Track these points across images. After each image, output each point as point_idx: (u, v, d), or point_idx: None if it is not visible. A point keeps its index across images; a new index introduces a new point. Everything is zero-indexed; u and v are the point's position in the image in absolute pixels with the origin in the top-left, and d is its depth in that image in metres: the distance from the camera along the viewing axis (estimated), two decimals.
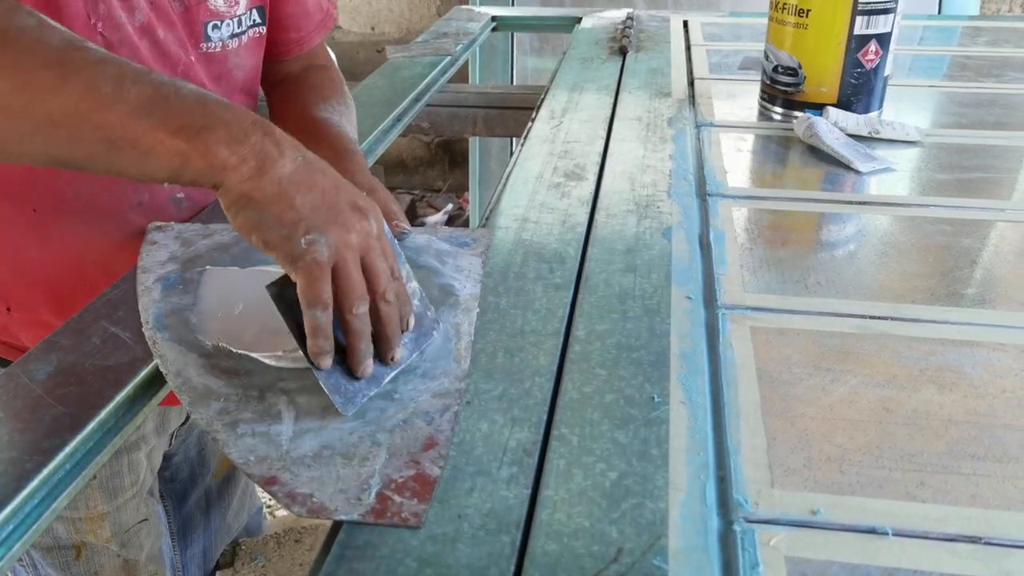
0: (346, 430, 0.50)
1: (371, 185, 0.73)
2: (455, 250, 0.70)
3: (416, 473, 0.46)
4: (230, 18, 0.81)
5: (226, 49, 0.82)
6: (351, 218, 0.51)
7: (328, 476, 0.46)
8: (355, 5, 3.07)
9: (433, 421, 0.50)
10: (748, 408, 0.52)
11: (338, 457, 0.48)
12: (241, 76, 0.85)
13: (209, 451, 1.09)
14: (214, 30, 0.80)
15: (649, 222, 0.76)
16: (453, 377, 0.54)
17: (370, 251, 0.52)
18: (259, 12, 0.85)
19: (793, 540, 0.42)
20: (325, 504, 0.44)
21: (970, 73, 1.26)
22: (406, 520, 0.43)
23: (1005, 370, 0.55)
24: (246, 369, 0.55)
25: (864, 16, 0.98)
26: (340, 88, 0.91)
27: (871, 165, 0.89)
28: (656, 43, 1.45)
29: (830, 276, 0.67)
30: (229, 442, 0.49)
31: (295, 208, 0.49)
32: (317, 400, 0.52)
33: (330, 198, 0.51)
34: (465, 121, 1.44)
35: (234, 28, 0.82)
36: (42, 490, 0.46)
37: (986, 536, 0.42)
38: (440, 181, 3.31)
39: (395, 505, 0.44)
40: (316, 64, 0.94)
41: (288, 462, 0.47)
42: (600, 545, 0.41)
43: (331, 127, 0.82)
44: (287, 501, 0.45)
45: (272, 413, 0.51)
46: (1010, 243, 0.74)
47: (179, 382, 0.54)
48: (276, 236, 0.49)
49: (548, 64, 2.40)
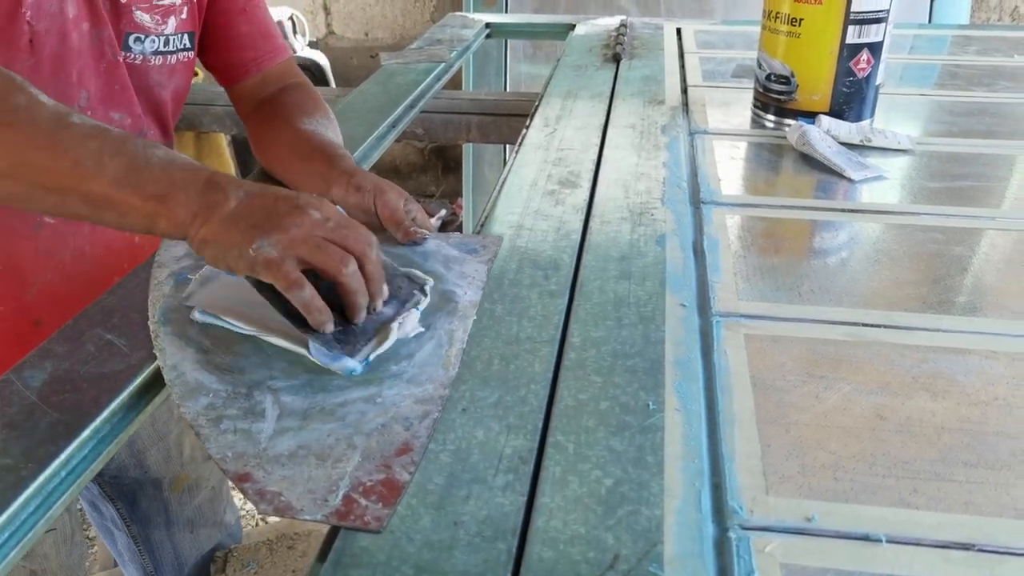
0: (324, 431, 0.50)
1: (378, 186, 0.73)
2: (463, 256, 0.71)
3: (385, 477, 0.47)
4: (156, 35, 0.82)
5: (147, 64, 0.82)
6: (289, 219, 0.58)
7: (299, 476, 0.47)
8: (349, 11, 3.08)
9: (411, 427, 0.51)
10: (743, 415, 0.52)
11: (312, 457, 0.48)
12: (162, 95, 0.86)
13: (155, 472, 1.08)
14: (136, 42, 0.81)
15: (643, 229, 0.76)
16: (438, 384, 0.55)
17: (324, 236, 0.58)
18: (189, 37, 0.86)
19: (788, 547, 0.42)
20: (292, 503, 0.45)
21: (960, 82, 1.27)
22: (368, 524, 0.44)
23: (997, 377, 0.56)
24: (240, 366, 0.56)
25: (856, 25, 0.98)
26: (321, 104, 0.91)
27: (863, 173, 0.90)
28: (650, 50, 1.46)
29: (823, 284, 0.68)
30: (210, 437, 0.50)
31: (240, 232, 0.58)
32: (302, 400, 0.53)
33: (268, 212, 0.58)
34: (459, 128, 1.45)
35: (159, 46, 0.82)
36: (37, 497, 0.46)
37: (979, 543, 0.42)
38: (433, 187, 3.31)
39: (359, 508, 0.45)
40: (292, 83, 0.94)
41: (263, 460, 0.48)
42: (596, 552, 0.42)
43: (318, 136, 0.82)
44: (256, 498, 0.45)
45: (257, 411, 0.52)
46: (1001, 251, 0.74)
47: (173, 375, 0.55)
48: (233, 257, 0.57)
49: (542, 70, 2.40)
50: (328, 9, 3.09)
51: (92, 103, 0.78)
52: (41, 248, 0.80)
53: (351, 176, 0.74)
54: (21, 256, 0.80)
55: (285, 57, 0.95)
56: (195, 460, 1.14)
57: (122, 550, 1.17)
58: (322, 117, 0.87)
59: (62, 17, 0.73)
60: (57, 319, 0.80)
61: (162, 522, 1.13)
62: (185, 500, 1.15)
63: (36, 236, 0.80)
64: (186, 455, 1.13)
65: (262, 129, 0.89)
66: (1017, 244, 0.75)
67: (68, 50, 0.75)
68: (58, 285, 0.82)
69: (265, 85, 0.93)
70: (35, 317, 0.82)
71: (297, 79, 0.95)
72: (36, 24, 0.72)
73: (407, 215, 0.73)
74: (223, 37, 0.90)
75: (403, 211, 0.73)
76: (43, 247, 0.81)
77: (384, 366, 0.57)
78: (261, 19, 0.93)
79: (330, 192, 0.74)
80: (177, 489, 1.13)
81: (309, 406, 0.52)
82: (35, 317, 0.82)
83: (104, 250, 0.85)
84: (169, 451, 1.09)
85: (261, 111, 0.91)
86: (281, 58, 0.94)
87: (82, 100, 0.78)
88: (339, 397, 0.53)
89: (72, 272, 0.83)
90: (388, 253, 0.70)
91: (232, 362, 0.56)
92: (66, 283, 0.83)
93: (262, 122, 0.90)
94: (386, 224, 0.73)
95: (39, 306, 0.82)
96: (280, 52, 0.94)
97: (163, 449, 1.09)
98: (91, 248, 0.84)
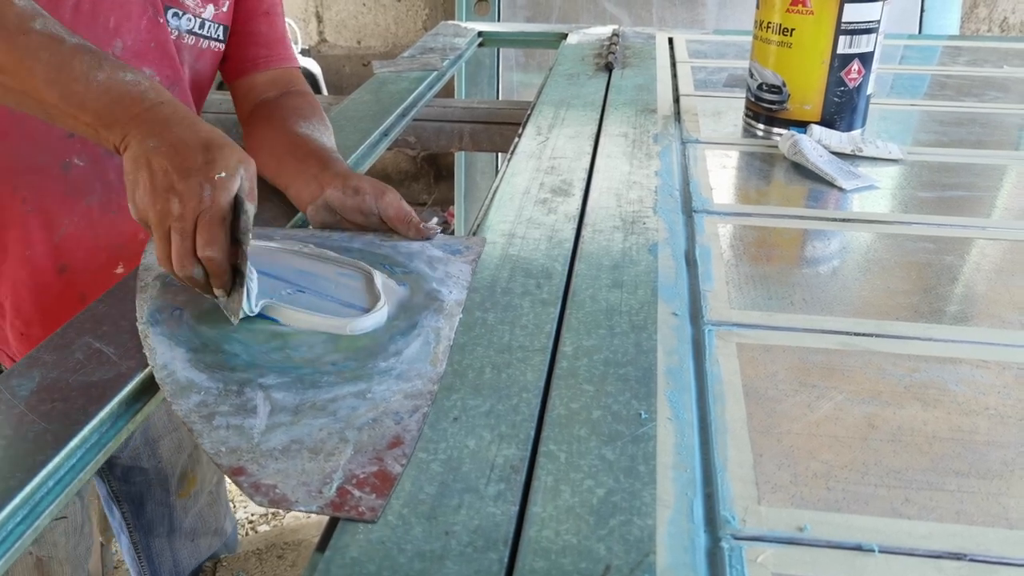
0: (316, 426, 0.51)
1: (377, 186, 0.74)
2: (447, 257, 0.72)
3: (378, 469, 0.47)
4: (193, 15, 0.83)
5: (181, 41, 0.84)
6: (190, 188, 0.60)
7: (293, 469, 0.47)
8: (341, 19, 3.08)
9: (402, 421, 0.51)
10: (735, 425, 0.52)
11: (305, 451, 0.49)
12: (188, 76, 0.87)
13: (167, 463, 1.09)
14: (173, 17, 0.82)
15: (635, 238, 0.76)
16: (427, 379, 0.56)
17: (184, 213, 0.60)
18: (224, 31, 0.88)
19: (780, 557, 0.42)
20: (287, 495, 0.46)
21: (950, 92, 1.27)
22: (362, 514, 0.44)
23: (987, 387, 0.56)
24: (230, 365, 0.57)
25: (847, 36, 0.99)
26: (319, 111, 0.91)
27: (854, 182, 0.90)
28: (642, 60, 1.46)
29: (815, 293, 0.68)
30: (204, 433, 0.50)
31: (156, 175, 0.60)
32: (293, 396, 0.54)
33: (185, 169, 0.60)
34: (451, 136, 1.45)
35: (195, 27, 0.84)
36: (24, 507, 0.46)
37: (971, 553, 0.42)
38: (425, 195, 3.31)
39: (353, 499, 0.45)
40: (293, 90, 0.95)
41: (257, 454, 0.49)
42: (588, 562, 0.41)
43: (313, 140, 0.83)
44: (251, 491, 0.46)
45: (248, 407, 0.53)
46: (991, 260, 0.75)
47: (164, 374, 0.55)
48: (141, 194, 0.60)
49: (533, 79, 2.41)
50: (320, 17, 3.09)
51: (126, 54, 0.80)
52: (69, 189, 0.81)
53: (346, 179, 0.74)
54: (49, 196, 0.80)
55: (293, 64, 0.97)
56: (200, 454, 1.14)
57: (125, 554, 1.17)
58: (318, 122, 0.88)
59: None
60: (82, 267, 0.81)
61: (164, 531, 1.13)
62: (189, 505, 1.14)
63: (64, 177, 0.80)
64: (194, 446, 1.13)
65: (257, 130, 0.90)
66: (1007, 253, 0.76)
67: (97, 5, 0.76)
68: (85, 231, 0.83)
69: (268, 87, 0.94)
70: (61, 262, 0.82)
71: (301, 87, 0.96)
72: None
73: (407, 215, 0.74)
74: (241, 32, 0.92)
75: (408, 210, 0.74)
76: (70, 188, 0.81)
77: (373, 363, 0.57)
78: (279, 26, 0.95)
79: (324, 193, 0.74)
80: (184, 494, 1.13)
81: (300, 402, 0.53)
82: (61, 262, 0.82)
83: None
84: (182, 440, 1.10)
85: (258, 113, 0.92)
86: (289, 63, 0.96)
87: (116, 49, 0.79)
88: (329, 393, 0.54)
89: (99, 220, 0.83)
90: (372, 255, 0.71)
91: (222, 360, 0.57)
92: (92, 230, 0.83)
93: (258, 123, 0.91)
94: (393, 224, 0.74)
95: (65, 251, 0.82)
96: (289, 58, 0.96)
97: (176, 438, 1.09)
98: (118, 198, 0.84)
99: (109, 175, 0.83)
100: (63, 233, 0.81)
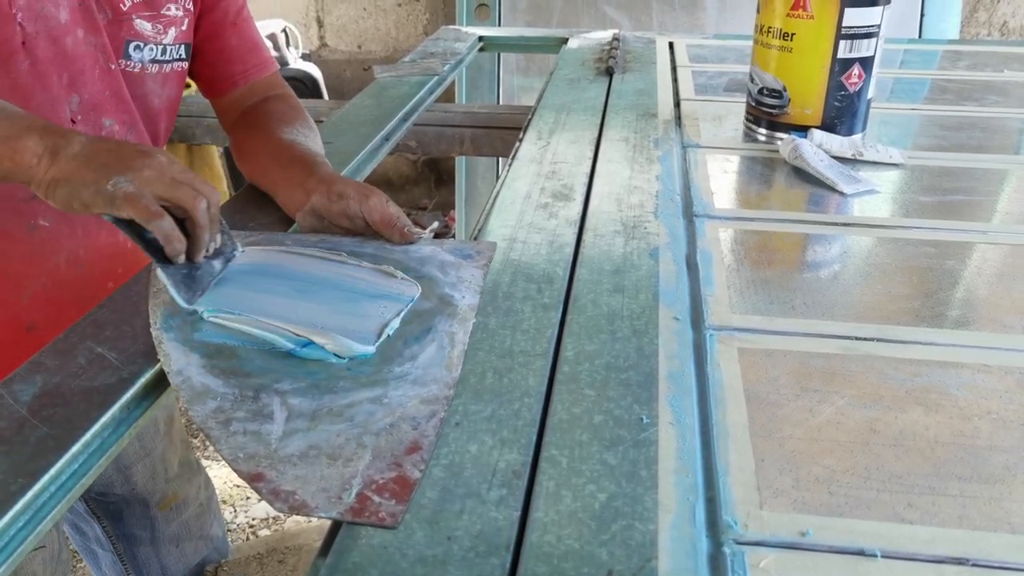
0: (334, 432, 0.51)
1: (362, 190, 0.73)
2: (459, 261, 0.72)
3: (397, 475, 0.47)
4: (155, 44, 0.82)
5: (144, 72, 0.83)
6: (140, 161, 0.62)
7: (312, 475, 0.47)
8: (342, 23, 3.09)
9: (419, 426, 0.51)
10: (736, 429, 0.52)
11: (324, 457, 0.49)
12: (156, 103, 0.86)
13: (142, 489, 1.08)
14: (135, 50, 0.82)
15: (636, 243, 0.76)
16: (443, 384, 0.55)
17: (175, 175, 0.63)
18: (185, 49, 0.87)
19: (783, 562, 0.42)
20: (307, 501, 0.46)
21: (951, 96, 1.27)
22: (383, 520, 0.44)
23: (989, 391, 0.56)
24: (245, 370, 0.57)
25: (848, 40, 0.99)
26: (302, 114, 0.91)
27: (855, 187, 0.90)
28: (642, 64, 1.47)
29: (816, 297, 0.68)
30: (221, 439, 0.50)
31: (92, 170, 0.60)
32: (309, 401, 0.53)
33: (117, 153, 0.62)
34: (452, 140, 1.45)
35: (157, 55, 0.83)
36: (27, 513, 0.46)
37: (973, 558, 0.42)
38: (426, 199, 3.31)
39: (373, 505, 0.45)
40: (274, 94, 0.94)
41: (275, 460, 0.49)
42: (590, 567, 0.41)
43: (297, 146, 0.82)
44: (271, 497, 0.46)
45: (265, 413, 0.53)
46: (992, 265, 0.75)
47: (179, 380, 0.55)
48: (88, 194, 0.60)
49: (534, 83, 2.41)
50: (321, 22, 3.09)
51: (83, 108, 0.79)
52: (35, 250, 0.80)
53: (331, 184, 0.74)
54: (14, 259, 0.80)
55: (271, 71, 0.95)
56: (181, 477, 1.14)
57: (107, 570, 1.16)
58: (301, 126, 0.88)
59: (53, 21, 0.74)
60: (51, 324, 0.80)
61: (148, 538, 1.13)
62: (171, 516, 1.14)
63: (30, 238, 0.80)
64: (172, 472, 1.12)
65: (242, 139, 0.90)
66: (1008, 257, 0.76)
67: (62, 54, 0.75)
68: (52, 289, 0.82)
69: (249, 96, 0.93)
70: (28, 321, 0.82)
71: (281, 91, 0.95)
72: (27, 26, 0.72)
73: (392, 218, 0.73)
74: (212, 49, 0.90)
75: (392, 213, 0.73)
76: (37, 249, 0.80)
77: (388, 367, 0.57)
78: (250, 33, 0.94)
79: (310, 200, 0.74)
80: (165, 507, 1.12)
81: (317, 408, 0.53)
82: (28, 321, 0.82)
83: (98, 255, 0.85)
84: (155, 467, 1.09)
85: (242, 122, 0.92)
86: (267, 72, 0.95)
87: (73, 105, 0.78)
88: (346, 399, 0.54)
89: (66, 276, 0.83)
90: (383, 259, 0.71)
91: (237, 366, 0.57)
92: (59, 288, 0.83)
93: (243, 132, 0.91)
94: (378, 227, 0.73)
95: (33, 310, 0.82)
96: (267, 66, 0.95)
97: (148, 465, 1.08)
98: (85, 252, 0.84)
99: (76, 231, 0.83)
100: (30, 293, 0.81)
